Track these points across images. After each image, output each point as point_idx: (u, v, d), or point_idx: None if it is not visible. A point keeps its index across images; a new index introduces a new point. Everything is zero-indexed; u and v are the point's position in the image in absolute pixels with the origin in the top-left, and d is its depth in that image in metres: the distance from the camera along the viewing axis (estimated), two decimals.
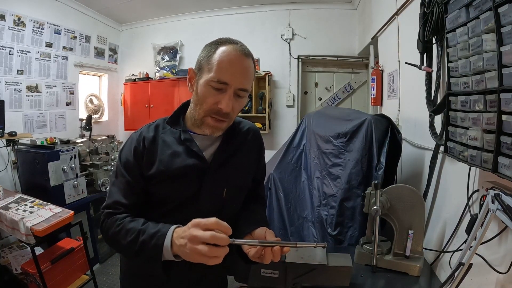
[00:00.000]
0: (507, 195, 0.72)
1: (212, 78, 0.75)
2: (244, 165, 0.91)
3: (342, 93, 3.74)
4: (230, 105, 0.76)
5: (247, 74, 0.78)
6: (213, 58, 0.76)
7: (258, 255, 0.70)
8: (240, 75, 0.76)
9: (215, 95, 0.76)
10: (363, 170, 1.57)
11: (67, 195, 2.51)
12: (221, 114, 0.77)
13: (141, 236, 0.71)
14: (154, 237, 0.69)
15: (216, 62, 0.75)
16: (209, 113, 0.78)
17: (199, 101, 0.79)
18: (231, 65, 0.75)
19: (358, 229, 1.55)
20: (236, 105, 0.79)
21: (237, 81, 0.76)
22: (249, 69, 0.78)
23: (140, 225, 0.73)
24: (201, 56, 0.80)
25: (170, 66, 3.91)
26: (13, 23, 2.73)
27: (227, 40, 0.79)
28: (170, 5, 3.69)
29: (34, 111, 3.00)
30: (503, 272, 0.86)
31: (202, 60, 0.79)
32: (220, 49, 0.76)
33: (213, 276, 0.94)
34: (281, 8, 3.64)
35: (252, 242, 0.69)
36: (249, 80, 0.79)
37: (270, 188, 1.86)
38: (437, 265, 1.28)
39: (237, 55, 0.76)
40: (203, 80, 0.77)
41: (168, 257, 0.68)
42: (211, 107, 0.77)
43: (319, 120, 1.88)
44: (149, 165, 0.82)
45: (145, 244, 0.69)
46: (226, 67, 0.75)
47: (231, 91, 0.76)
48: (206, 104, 0.78)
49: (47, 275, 1.87)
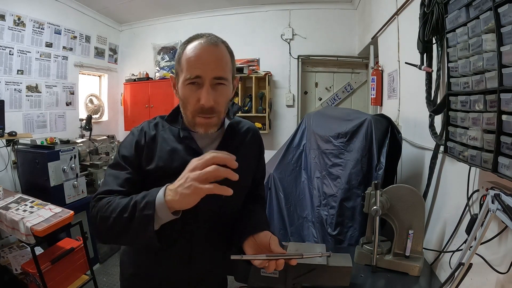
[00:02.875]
0: (507, 195, 0.72)
1: (185, 76, 0.76)
2: (244, 164, 0.90)
3: (342, 93, 3.75)
4: (209, 98, 0.75)
5: (218, 61, 0.77)
6: (182, 59, 0.78)
7: (263, 265, 0.70)
8: (210, 65, 0.76)
9: (194, 92, 0.77)
10: (363, 170, 1.57)
11: (67, 195, 2.51)
12: (205, 110, 0.77)
13: (133, 199, 0.68)
14: (147, 195, 0.67)
15: (185, 60, 0.77)
16: (196, 113, 0.79)
17: (184, 103, 0.80)
18: (198, 58, 0.75)
19: (358, 229, 1.55)
20: (219, 96, 0.78)
21: (208, 71, 0.75)
22: (220, 57, 0.78)
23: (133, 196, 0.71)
24: (175, 60, 0.82)
25: (170, 66, 3.91)
26: (13, 23, 2.73)
27: (195, 36, 0.80)
28: (170, 5, 3.69)
29: (34, 111, 3.00)
30: (503, 272, 0.86)
31: (176, 65, 0.81)
32: (187, 48, 0.78)
33: (213, 276, 0.94)
34: (281, 8, 3.64)
35: (259, 257, 0.69)
36: (222, 67, 0.78)
37: (270, 188, 1.86)
38: (437, 265, 1.28)
39: (202, 47, 0.76)
40: (180, 82, 0.79)
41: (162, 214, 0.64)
42: (195, 107, 0.78)
43: (319, 120, 1.88)
44: (148, 161, 0.82)
45: (137, 204, 0.66)
46: (194, 61, 0.75)
47: (207, 83, 0.76)
48: (190, 105, 0.78)
49: (47, 275, 1.87)
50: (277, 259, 0.68)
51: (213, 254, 0.90)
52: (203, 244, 0.86)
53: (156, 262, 0.85)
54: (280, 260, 0.69)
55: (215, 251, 0.90)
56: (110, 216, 0.69)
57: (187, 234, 0.83)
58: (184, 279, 0.87)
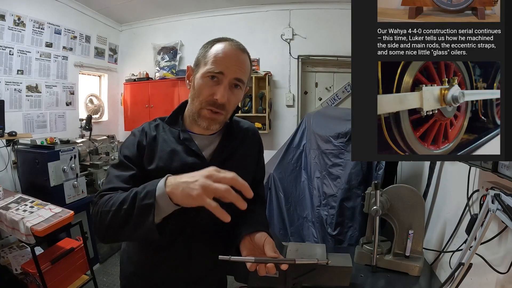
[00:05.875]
0: (507, 195, 0.72)
1: (208, 69, 0.78)
2: (243, 164, 0.91)
3: (342, 93, 3.74)
4: (225, 96, 0.77)
5: (242, 66, 0.80)
6: (209, 53, 0.80)
7: (254, 268, 0.69)
8: (235, 66, 0.79)
9: (211, 87, 0.78)
10: (363, 170, 1.57)
11: (67, 195, 2.50)
12: (216, 105, 0.78)
13: (133, 191, 0.67)
14: (147, 185, 0.65)
15: (212, 55, 0.79)
16: (205, 105, 0.79)
17: (196, 94, 0.81)
18: (226, 56, 0.78)
19: (358, 229, 1.56)
20: (232, 97, 0.80)
21: (232, 71, 0.78)
22: (244, 62, 0.81)
23: None
24: (199, 53, 0.84)
25: (170, 66, 3.91)
26: (13, 23, 2.73)
27: (224, 38, 0.83)
28: (170, 5, 3.69)
29: (34, 111, 3.00)
30: (503, 272, 0.86)
31: (199, 57, 0.83)
32: (216, 45, 0.80)
33: (213, 276, 0.94)
34: (281, 8, 3.63)
35: (248, 259, 0.68)
36: (244, 72, 0.81)
37: (270, 188, 1.86)
38: (437, 265, 1.28)
39: (232, 49, 0.79)
40: (199, 74, 0.80)
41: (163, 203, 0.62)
42: (207, 98, 0.79)
43: (319, 120, 1.88)
44: (149, 161, 0.82)
45: (137, 194, 0.65)
46: (221, 58, 0.78)
47: (226, 81, 0.78)
48: (202, 96, 0.79)
49: (47, 275, 1.87)
50: (265, 263, 0.67)
51: (213, 254, 0.89)
52: (203, 243, 0.86)
53: (156, 261, 0.86)
54: (270, 264, 0.67)
55: (214, 251, 0.89)
56: (110, 210, 0.68)
57: (187, 234, 0.83)
58: (183, 278, 0.87)
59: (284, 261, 0.67)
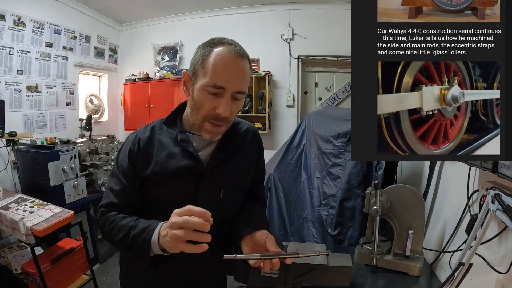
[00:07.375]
0: (507, 195, 0.72)
1: (208, 83, 0.73)
2: (242, 166, 0.91)
3: (342, 93, 3.74)
4: (228, 110, 0.75)
5: (243, 76, 0.76)
6: (208, 62, 0.74)
7: (258, 265, 0.70)
8: (236, 78, 0.75)
9: (212, 100, 0.75)
10: (363, 170, 1.57)
11: (67, 195, 2.50)
12: (219, 119, 0.77)
13: (132, 231, 0.74)
14: (144, 231, 0.72)
15: (211, 66, 0.73)
16: (207, 118, 0.78)
17: (196, 106, 0.78)
18: (226, 68, 0.73)
19: (358, 229, 1.56)
20: (234, 108, 0.79)
21: (233, 85, 0.74)
22: (245, 71, 0.77)
23: (132, 221, 0.76)
24: (195, 59, 0.78)
25: (170, 66, 3.91)
26: (13, 23, 2.73)
27: (220, 40, 0.77)
28: (170, 5, 3.69)
29: (34, 111, 3.00)
30: (503, 272, 0.86)
31: (196, 64, 0.77)
32: (214, 52, 0.74)
33: (213, 276, 0.94)
34: (281, 8, 3.63)
35: (253, 256, 0.69)
36: (245, 82, 0.78)
37: (270, 188, 1.86)
38: (437, 265, 1.28)
39: (231, 57, 0.74)
40: (198, 85, 0.76)
41: (156, 251, 0.70)
42: (208, 113, 0.77)
43: (319, 120, 1.89)
44: (144, 166, 0.82)
45: (135, 238, 0.72)
46: (221, 71, 0.73)
47: (228, 95, 0.74)
48: (203, 110, 0.77)
49: (47, 275, 1.87)
50: (271, 258, 0.68)
51: (212, 255, 0.89)
52: None
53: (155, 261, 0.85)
54: (275, 259, 0.68)
55: (214, 251, 0.89)
56: (113, 238, 0.78)
57: None
58: (183, 279, 0.87)
59: (288, 255, 0.70)
